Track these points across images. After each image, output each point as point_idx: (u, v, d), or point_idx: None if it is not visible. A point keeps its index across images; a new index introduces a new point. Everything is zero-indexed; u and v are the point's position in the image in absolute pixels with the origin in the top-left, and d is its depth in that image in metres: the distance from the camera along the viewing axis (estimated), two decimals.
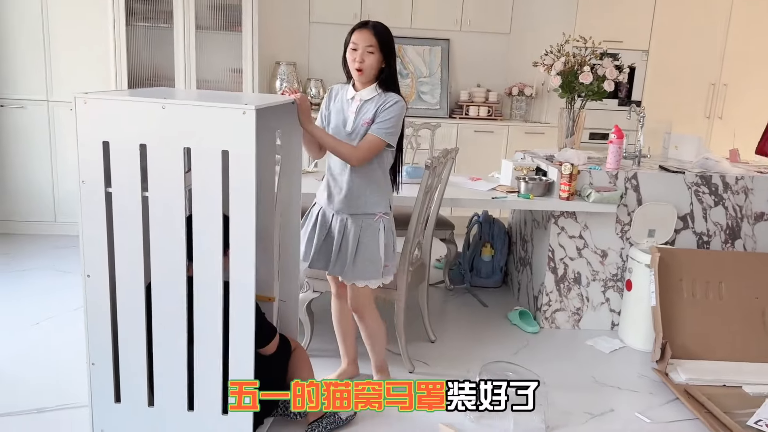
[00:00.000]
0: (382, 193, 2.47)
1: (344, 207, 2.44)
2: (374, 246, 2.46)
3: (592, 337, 3.35)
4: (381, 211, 2.47)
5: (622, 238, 3.36)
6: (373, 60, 2.35)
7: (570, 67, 3.47)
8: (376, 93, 2.41)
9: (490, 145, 5.09)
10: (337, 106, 2.47)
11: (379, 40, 2.35)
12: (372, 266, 2.46)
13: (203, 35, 4.66)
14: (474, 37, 5.31)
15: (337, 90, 2.52)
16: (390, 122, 2.36)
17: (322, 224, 2.49)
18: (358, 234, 2.44)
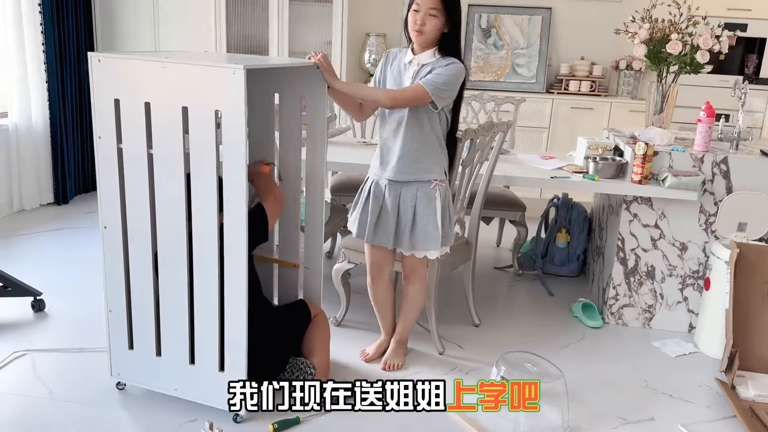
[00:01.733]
0: (435, 158, 2.38)
1: (397, 173, 2.36)
2: (431, 214, 2.38)
3: (662, 339, 3.00)
4: (436, 178, 2.38)
5: (707, 231, 2.95)
6: (434, 23, 2.25)
7: (659, 35, 3.07)
8: (434, 58, 2.31)
9: (588, 122, 4.71)
10: (394, 71, 2.41)
11: (444, 3, 2.24)
12: (430, 235, 2.39)
13: (297, 6, 4.74)
14: (580, 6, 4.90)
15: (395, 53, 2.45)
16: (442, 78, 2.24)
17: (376, 197, 2.43)
18: (414, 203, 2.38)
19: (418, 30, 2.25)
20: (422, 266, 2.51)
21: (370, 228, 2.43)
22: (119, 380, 2.30)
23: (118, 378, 2.29)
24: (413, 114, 2.31)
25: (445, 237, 2.42)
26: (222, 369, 2.10)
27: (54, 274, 3.39)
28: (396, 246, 2.44)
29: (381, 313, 2.70)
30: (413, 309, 2.63)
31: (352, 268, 2.83)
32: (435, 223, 2.37)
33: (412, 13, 2.26)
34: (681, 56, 3.04)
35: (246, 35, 4.92)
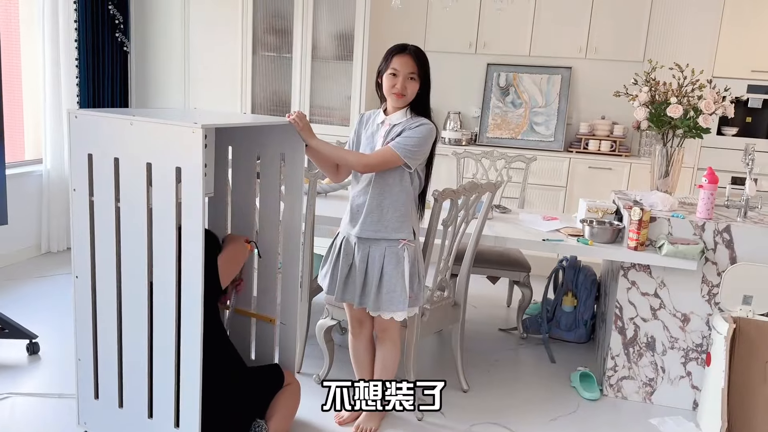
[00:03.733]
0: (405, 217, 2.37)
1: (366, 231, 2.36)
2: (399, 275, 2.35)
3: (662, 416, 2.82)
4: (404, 238, 2.36)
5: (710, 303, 2.80)
6: (414, 87, 2.31)
7: (661, 99, 3.00)
8: (405, 117, 2.35)
9: (606, 182, 4.60)
10: (367, 132, 2.43)
11: (420, 67, 2.30)
12: (397, 297, 2.35)
13: (319, 63, 4.88)
14: (601, 66, 4.86)
15: (369, 115, 2.49)
16: (412, 141, 2.27)
17: (346, 254, 2.42)
18: (381, 262, 2.36)
19: (400, 94, 2.28)
20: (394, 327, 2.46)
21: (340, 285, 2.41)
22: (86, 429, 2.31)
23: (84, 427, 2.30)
24: (382, 173, 2.32)
25: (414, 298, 2.37)
26: (177, 425, 2.09)
27: (59, 317, 3.48)
28: (361, 305, 2.40)
29: (359, 372, 2.64)
30: (386, 371, 2.55)
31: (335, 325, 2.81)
32: (403, 284, 2.33)
33: (390, 77, 2.29)
34: (685, 120, 2.95)
35: (271, 93, 5.08)
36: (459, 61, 5.07)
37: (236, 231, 2.51)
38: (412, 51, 2.30)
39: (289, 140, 2.36)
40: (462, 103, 5.15)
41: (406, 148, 2.25)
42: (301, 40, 4.78)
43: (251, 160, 2.46)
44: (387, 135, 2.33)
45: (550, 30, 4.84)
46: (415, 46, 2.34)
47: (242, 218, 2.51)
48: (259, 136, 2.41)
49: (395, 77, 2.28)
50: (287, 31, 4.87)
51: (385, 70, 2.30)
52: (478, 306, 4.06)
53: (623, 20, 4.72)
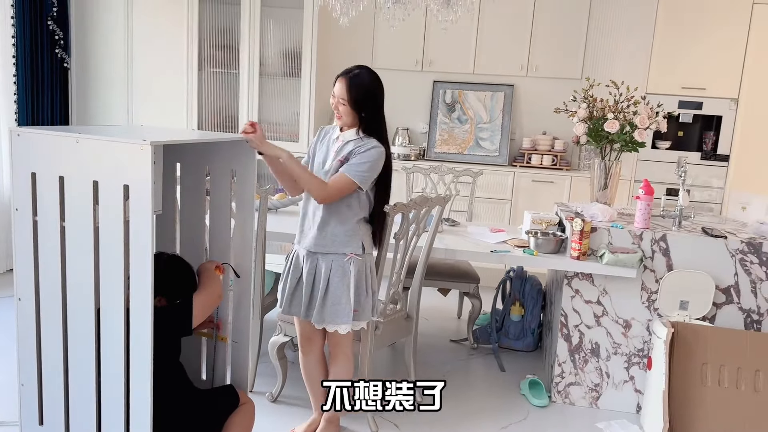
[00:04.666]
0: (352, 232, 2.41)
1: (314, 245, 2.40)
2: (343, 288, 2.38)
3: (608, 420, 2.92)
4: (352, 251, 2.40)
5: (649, 309, 2.93)
6: (346, 110, 2.37)
7: (599, 115, 3.14)
8: (357, 136, 2.40)
9: (549, 195, 4.75)
10: (323, 147, 2.49)
11: (349, 96, 2.34)
12: (341, 310, 2.38)
13: (266, 80, 4.88)
14: (541, 83, 5.04)
15: (327, 130, 2.54)
16: (364, 165, 2.33)
17: (295, 267, 2.46)
18: (328, 275, 2.39)
19: (338, 115, 2.39)
20: (346, 341, 2.48)
21: (287, 298, 2.44)
22: None
23: None
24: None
25: (360, 312, 2.40)
26: None
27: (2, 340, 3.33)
28: (307, 317, 2.42)
29: (312, 389, 2.63)
30: None
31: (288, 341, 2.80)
32: (348, 297, 2.36)
33: (332, 98, 2.39)
34: (621, 135, 3.10)
35: (219, 109, 5.04)
36: (406, 78, 5.17)
37: (185, 249, 2.47)
38: (348, 77, 2.34)
39: (239, 156, 2.35)
40: (410, 119, 5.24)
41: (359, 172, 2.32)
42: (248, 56, 4.77)
43: (200, 176, 2.44)
44: (339, 151, 2.39)
45: (493, 49, 4.99)
46: (358, 70, 2.36)
47: (191, 236, 2.48)
48: (208, 153, 2.40)
49: (333, 98, 2.38)
50: (234, 47, 4.86)
51: None
52: (430, 318, 4.11)
53: (562, 40, 4.92)
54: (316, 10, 4.61)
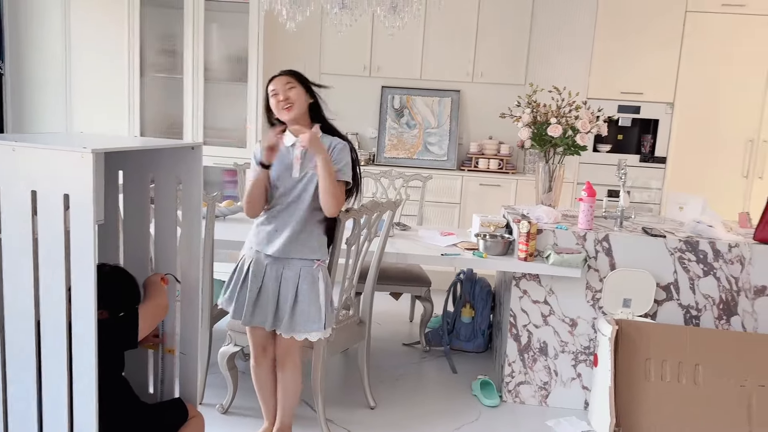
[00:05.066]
0: (321, 238, 2.43)
1: (284, 251, 2.37)
2: (314, 294, 2.37)
3: (557, 417, 2.99)
4: (320, 258, 2.40)
5: (594, 307, 3.02)
6: (297, 92, 2.36)
7: (543, 119, 3.23)
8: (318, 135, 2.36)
9: (496, 199, 4.84)
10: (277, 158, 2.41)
11: (295, 77, 2.39)
12: (313, 317, 2.36)
13: (212, 85, 4.80)
14: (487, 89, 5.13)
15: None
16: (347, 167, 2.40)
17: (255, 275, 2.40)
18: (296, 282, 2.36)
19: (287, 106, 2.34)
20: (296, 350, 2.45)
21: (248, 308, 2.38)
22: None
23: None
24: (315, 198, 2.36)
25: (328, 319, 2.39)
26: None
27: None
28: (274, 327, 2.38)
29: (264, 399, 2.59)
30: (290, 395, 2.53)
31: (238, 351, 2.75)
32: (318, 304, 2.35)
33: (274, 98, 2.37)
34: (564, 138, 3.19)
35: (162, 115, 4.92)
36: (354, 83, 5.17)
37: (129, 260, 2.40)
38: (282, 71, 2.41)
39: (184, 163, 2.30)
40: (359, 125, 5.25)
41: (343, 171, 2.37)
42: (192, 60, 4.68)
43: (144, 184, 2.37)
44: (304, 155, 2.36)
45: (440, 55, 5.05)
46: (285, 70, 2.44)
47: (136, 246, 2.41)
48: (152, 160, 2.33)
49: (276, 94, 2.36)
50: (177, 51, 4.76)
51: (269, 98, 2.38)
52: (382, 322, 4.12)
53: (506, 46, 5.03)
54: (261, 15, 4.57)
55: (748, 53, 4.60)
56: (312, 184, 2.36)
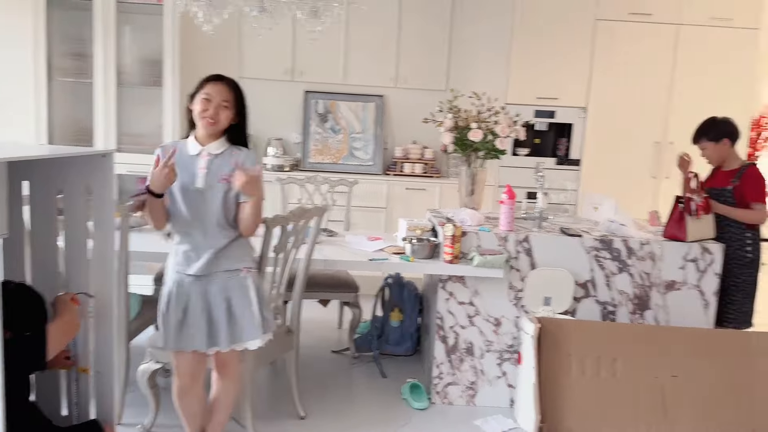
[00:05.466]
0: (245, 247, 2.36)
1: (205, 268, 2.27)
2: (247, 303, 2.29)
3: (484, 416, 3.04)
4: (246, 266, 2.32)
5: (517, 306, 3.09)
6: (227, 115, 2.27)
7: (464, 124, 3.29)
8: (225, 147, 2.30)
9: (422, 203, 4.88)
10: (177, 165, 2.27)
11: (235, 96, 2.27)
12: (250, 325, 2.28)
13: (126, 90, 4.60)
14: (410, 94, 5.17)
15: (170, 148, 2.31)
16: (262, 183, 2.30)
17: (178, 299, 2.28)
18: (225, 295, 2.28)
19: (212, 121, 2.23)
20: (236, 361, 2.38)
21: (175, 333, 2.27)
22: None
23: None
24: (228, 212, 2.28)
25: (266, 324, 2.33)
26: None
27: None
28: (212, 345, 2.28)
29: (190, 423, 2.47)
30: (225, 409, 2.46)
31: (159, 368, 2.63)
32: (252, 312, 2.28)
33: (203, 102, 2.24)
34: (484, 143, 3.26)
35: (72, 121, 4.66)
36: (277, 87, 5.09)
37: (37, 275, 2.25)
38: (228, 81, 2.29)
39: (95, 171, 2.18)
40: (283, 130, 5.17)
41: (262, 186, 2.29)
42: (104, 64, 4.47)
43: (51, 195, 2.23)
44: (210, 165, 2.26)
45: (363, 60, 5.06)
46: (230, 77, 2.32)
47: (44, 261, 2.26)
48: (60, 169, 2.20)
49: (208, 102, 2.23)
50: (87, 55, 4.52)
51: (197, 95, 2.25)
52: (311, 330, 4.06)
53: (427, 52, 5.10)
54: (176, 17, 4.42)
55: (654, 59, 4.86)
56: (219, 199, 2.25)
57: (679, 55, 4.85)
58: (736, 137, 3.27)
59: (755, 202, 3.15)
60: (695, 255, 3.07)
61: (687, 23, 4.80)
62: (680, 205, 3.08)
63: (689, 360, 2.80)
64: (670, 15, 4.80)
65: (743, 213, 3.15)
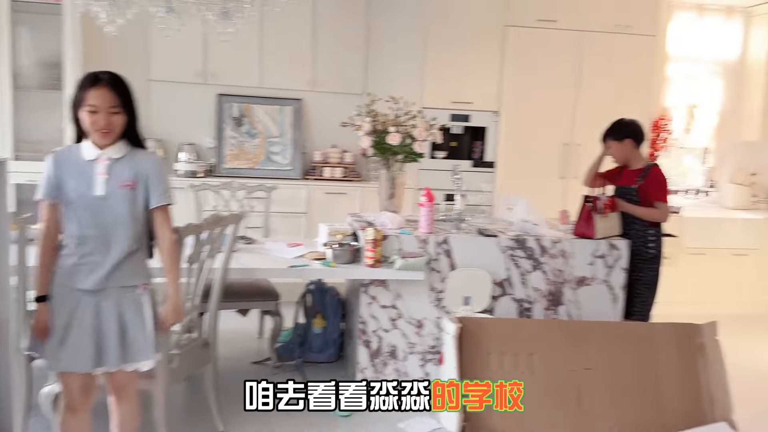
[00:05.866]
0: (143, 261, 2.23)
1: (103, 282, 2.11)
2: (142, 322, 2.16)
3: (408, 419, 3.05)
4: (143, 282, 2.19)
5: (438, 307, 3.13)
6: (120, 120, 2.11)
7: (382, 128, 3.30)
8: (125, 150, 2.15)
9: (343, 207, 4.85)
10: (73, 172, 2.12)
11: (122, 99, 2.10)
12: (143, 345, 2.15)
13: (23, 94, 4.30)
14: (328, 98, 5.15)
15: (65, 155, 2.17)
16: (167, 182, 2.22)
17: (60, 315, 2.11)
18: (119, 312, 2.13)
19: (106, 131, 2.08)
20: (133, 383, 2.26)
21: (58, 353, 2.11)
22: None
23: None
24: (135, 222, 2.16)
25: (157, 344, 2.22)
26: None
27: None
28: (99, 365, 2.14)
29: None
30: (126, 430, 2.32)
31: None
32: (145, 331, 2.16)
33: (89, 114, 2.06)
34: (403, 147, 3.28)
35: None
36: (188, 90, 4.93)
37: None
38: (108, 81, 2.07)
39: None
40: (195, 134, 5.00)
41: (169, 193, 2.21)
42: None
43: None
44: (110, 170, 2.12)
45: (279, 63, 4.98)
46: (109, 74, 2.11)
47: None
48: None
49: (95, 114, 2.05)
50: None
51: (81, 105, 2.07)
52: (230, 342, 3.94)
53: (343, 56, 5.09)
54: (76, 17, 4.18)
55: (561, 64, 5.07)
56: (123, 207, 2.12)
57: (584, 60, 5.08)
58: (639, 138, 3.43)
59: (658, 201, 3.32)
60: (603, 251, 3.22)
61: (591, 30, 5.03)
62: (588, 204, 3.23)
63: (601, 352, 2.92)
64: (574, 22, 5.02)
65: (647, 211, 3.32)
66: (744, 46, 5.64)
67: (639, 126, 3.45)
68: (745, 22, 5.63)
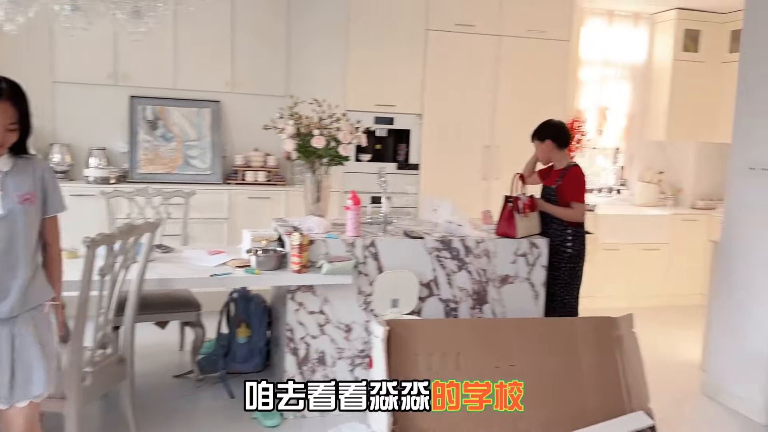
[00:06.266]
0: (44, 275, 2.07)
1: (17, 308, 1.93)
2: (53, 343, 2.02)
3: (338, 424, 3.00)
4: (48, 300, 2.04)
5: (366, 310, 3.11)
6: (13, 137, 1.92)
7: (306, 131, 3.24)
8: (12, 160, 1.97)
9: (266, 212, 4.76)
10: None
11: (21, 114, 1.91)
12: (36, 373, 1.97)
13: None
14: (248, 100, 5.03)
15: None
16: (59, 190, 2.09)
17: None
18: (37, 335, 1.97)
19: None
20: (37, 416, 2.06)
21: None
22: None
23: None
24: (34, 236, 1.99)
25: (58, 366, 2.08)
26: None
27: None
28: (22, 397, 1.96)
29: None
30: None
31: None
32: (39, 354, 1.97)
33: None
34: (327, 150, 3.24)
35: None
36: (97, 93, 4.68)
37: None
38: (8, 95, 1.87)
39: None
40: (106, 139, 4.75)
41: (63, 201, 2.09)
42: None
43: None
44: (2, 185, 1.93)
45: (195, 64, 4.82)
46: (9, 84, 1.89)
47: None
48: None
49: None
50: None
51: None
52: (148, 355, 3.76)
53: (264, 57, 4.99)
54: None
55: (479, 68, 5.17)
56: (22, 223, 1.94)
57: (501, 64, 5.21)
58: (560, 140, 3.50)
59: (574, 201, 3.42)
60: (525, 250, 3.30)
61: (507, 34, 5.16)
62: (509, 204, 3.30)
63: (524, 348, 2.98)
64: (491, 27, 5.13)
65: (563, 211, 3.42)
66: (650, 50, 5.96)
67: (563, 128, 3.54)
68: (651, 28, 5.96)
